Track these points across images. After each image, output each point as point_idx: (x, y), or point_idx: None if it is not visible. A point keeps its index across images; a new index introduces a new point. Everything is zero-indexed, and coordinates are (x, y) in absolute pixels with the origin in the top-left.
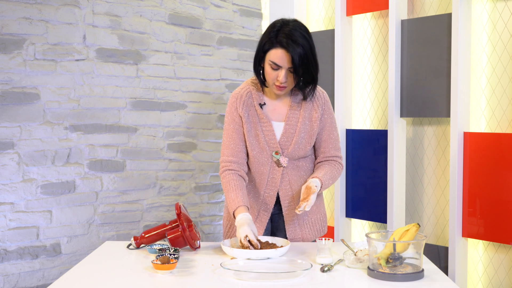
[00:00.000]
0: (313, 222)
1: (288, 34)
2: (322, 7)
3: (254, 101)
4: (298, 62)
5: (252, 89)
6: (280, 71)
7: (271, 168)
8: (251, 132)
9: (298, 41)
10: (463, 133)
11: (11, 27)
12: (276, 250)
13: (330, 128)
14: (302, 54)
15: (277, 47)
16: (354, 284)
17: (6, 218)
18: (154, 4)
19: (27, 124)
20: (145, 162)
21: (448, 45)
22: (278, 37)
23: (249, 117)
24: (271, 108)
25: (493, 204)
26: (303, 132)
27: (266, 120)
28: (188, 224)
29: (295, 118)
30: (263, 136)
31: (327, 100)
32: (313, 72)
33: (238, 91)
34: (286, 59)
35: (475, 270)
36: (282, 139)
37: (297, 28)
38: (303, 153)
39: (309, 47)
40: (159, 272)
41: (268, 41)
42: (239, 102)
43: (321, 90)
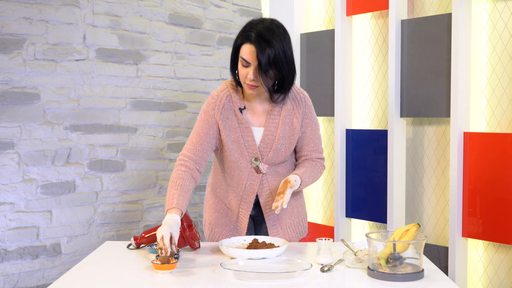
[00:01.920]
0: (295, 225)
1: (259, 31)
2: (322, 7)
3: (233, 105)
4: (265, 60)
5: (232, 92)
6: (250, 68)
7: (249, 174)
8: (230, 137)
9: (268, 39)
10: (463, 133)
11: (11, 27)
12: (272, 250)
13: (311, 132)
14: (271, 53)
15: (246, 42)
16: (354, 284)
17: (6, 218)
18: (154, 4)
19: (27, 124)
20: (145, 162)
21: (448, 45)
22: (250, 32)
23: (228, 121)
24: (250, 112)
25: (493, 204)
26: (282, 138)
27: (246, 126)
28: (188, 224)
29: (274, 123)
30: (242, 142)
31: (308, 104)
32: (285, 76)
33: (217, 94)
34: (254, 54)
35: (475, 270)
36: (262, 145)
37: (272, 27)
38: (282, 158)
39: (282, 48)
40: (159, 272)
41: (240, 36)
42: (218, 106)
43: (303, 93)
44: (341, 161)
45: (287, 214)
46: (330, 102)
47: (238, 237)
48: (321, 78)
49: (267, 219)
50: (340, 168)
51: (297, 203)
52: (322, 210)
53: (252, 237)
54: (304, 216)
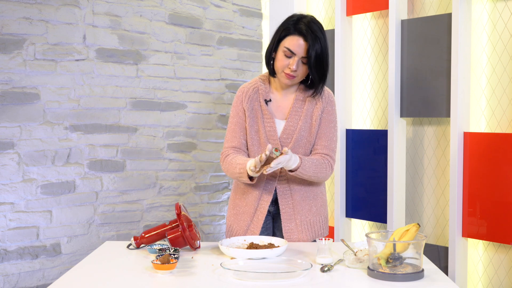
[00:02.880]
0: (311, 224)
1: (307, 24)
2: (322, 7)
3: (260, 97)
4: (313, 53)
5: (260, 85)
6: (293, 59)
7: None
8: (253, 127)
9: (317, 33)
10: (463, 133)
11: (11, 27)
12: (272, 250)
13: (327, 128)
14: (318, 48)
15: (295, 34)
16: (354, 284)
17: (6, 218)
18: (154, 4)
19: (27, 124)
20: (145, 162)
21: (448, 45)
22: (297, 25)
23: (253, 111)
24: (275, 105)
25: (493, 204)
26: (303, 130)
27: (269, 117)
28: (188, 224)
29: (297, 116)
30: (264, 132)
31: (331, 101)
32: (325, 69)
33: (245, 85)
34: (302, 47)
35: (475, 270)
36: (283, 136)
37: (316, 22)
38: (302, 151)
39: (325, 44)
40: (159, 272)
41: (285, 29)
42: (245, 96)
43: (328, 91)
44: (341, 161)
45: (304, 212)
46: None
47: (238, 237)
48: None
49: (283, 213)
50: (340, 168)
51: (316, 202)
52: None
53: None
54: (323, 216)
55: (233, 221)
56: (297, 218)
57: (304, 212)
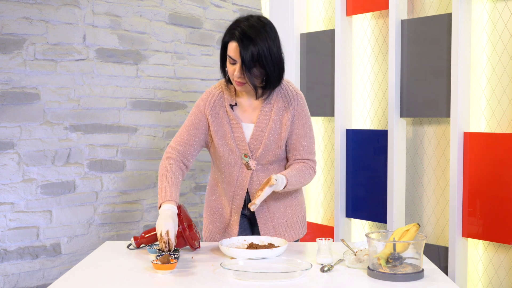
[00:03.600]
0: (288, 225)
1: (243, 29)
2: (322, 7)
3: (225, 102)
4: (248, 58)
5: (225, 89)
6: (236, 65)
7: (240, 170)
8: (218, 133)
9: (252, 37)
10: (463, 133)
11: (11, 27)
12: (272, 250)
13: (302, 131)
14: (254, 51)
15: (232, 40)
16: (354, 284)
17: (6, 218)
18: (154, 4)
19: (27, 124)
20: (145, 162)
21: (448, 45)
22: (233, 30)
23: (218, 117)
24: (242, 109)
25: (493, 204)
26: (272, 135)
27: (236, 122)
28: (188, 224)
29: (265, 120)
30: (232, 137)
31: (301, 102)
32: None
33: (211, 90)
34: (238, 52)
35: (475, 270)
36: (251, 141)
37: (257, 24)
38: (273, 156)
39: (266, 45)
40: (159, 272)
41: (227, 34)
42: (209, 102)
43: (296, 92)
44: (341, 161)
45: (279, 213)
46: (330, 102)
47: (238, 237)
48: (321, 78)
49: (258, 217)
50: (340, 168)
51: (292, 202)
52: (322, 210)
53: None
54: (300, 216)
55: (209, 223)
56: (274, 220)
57: (279, 214)
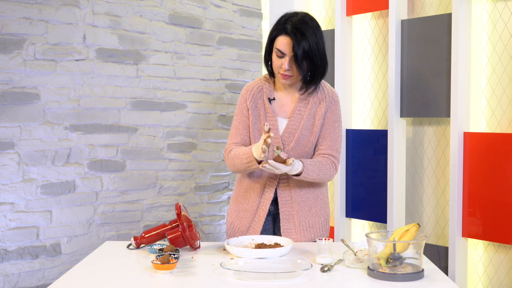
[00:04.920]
0: (310, 225)
1: (294, 23)
2: (322, 7)
3: (264, 95)
4: (300, 51)
5: (264, 84)
6: (284, 59)
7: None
8: (256, 125)
9: (304, 32)
10: (463, 133)
11: (11, 27)
12: (275, 250)
13: (331, 128)
14: (305, 46)
15: (282, 34)
16: (354, 284)
17: (6, 218)
18: (154, 4)
19: (27, 124)
20: (145, 162)
21: (448, 45)
22: (285, 24)
23: (256, 109)
24: (279, 104)
25: (493, 204)
26: (305, 130)
27: (272, 115)
28: (188, 224)
29: (299, 115)
30: None
31: (336, 100)
32: (318, 67)
33: (250, 84)
34: (289, 46)
35: (475, 270)
36: (285, 135)
37: (306, 19)
38: (305, 151)
39: (315, 40)
40: (159, 272)
41: (276, 29)
42: (249, 94)
43: (332, 90)
44: (341, 161)
45: (303, 212)
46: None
47: (247, 236)
48: None
49: (281, 212)
50: (340, 168)
51: (316, 202)
52: None
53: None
54: (323, 218)
55: (235, 218)
56: (296, 218)
57: (303, 212)
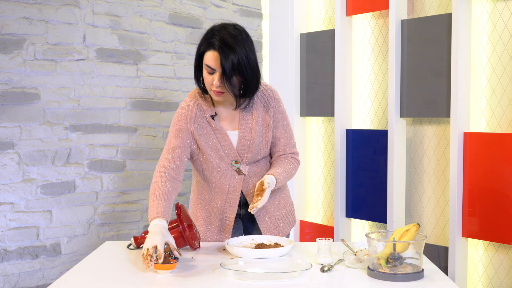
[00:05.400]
0: (284, 216)
1: (222, 37)
2: (322, 7)
3: (205, 113)
4: (229, 66)
5: (201, 101)
6: (215, 75)
7: (231, 177)
8: (207, 144)
9: (232, 45)
10: (463, 133)
11: (11, 27)
12: (275, 250)
13: (282, 127)
14: (234, 59)
15: (210, 49)
16: (354, 284)
17: (6, 218)
18: (154, 4)
19: (27, 124)
20: (145, 162)
21: (448, 45)
22: (212, 39)
23: (202, 129)
24: (222, 117)
25: (493, 204)
26: (258, 138)
27: (221, 131)
28: (188, 224)
29: (248, 125)
30: (220, 147)
31: (277, 98)
32: (249, 81)
33: (187, 104)
34: (218, 61)
35: (475, 270)
36: (239, 147)
37: (234, 32)
38: (261, 156)
39: (245, 53)
40: (159, 272)
41: (203, 43)
42: (190, 116)
43: (270, 89)
44: (341, 161)
45: (273, 207)
46: (330, 102)
47: (246, 237)
48: (321, 78)
49: (256, 215)
50: (340, 168)
51: (282, 194)
52: (322, 210)
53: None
54: (290, 206)
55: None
56: (270, 214)
57: (274, 207)
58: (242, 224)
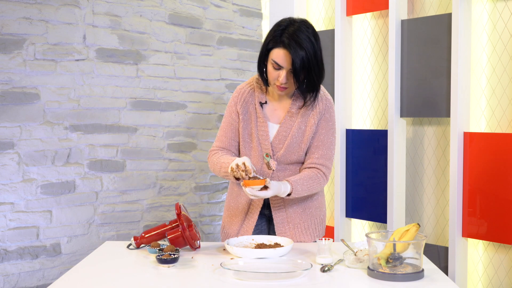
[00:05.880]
0: (305, 227)
1: (292, 35)
2: (322, 7)
3: (255, 99)
4: (299, 65)
5: (256, 86)
6: (282, 71)
7: (261, 170)
8: (246, 130)
9: (302, 43)
10: (463, 133)
11: (11, 27)
12: (275, 250)
13: (324, 136)
14: (304, 58)
15: (279, 47)
16: (354, 284)
17: (6, 218)
18: (154, 4)
19: (27, 124)
20: (145, 162)
21: (448, 45)
22: (282, 36)
23: (247, 114)
24: (271, 108)
25: (493, 204)
26: (296, 137)
27: (263, 120)
28: (188, 224)
29: (290, 121)
30: (256, 136)
31: (330, 107)
32: (315, 78)
33: (242, 86)
34: (287, 60)
35: (475, 270)
36: (275, 141)
37: (303, 29)
38: (295, 158)
39: (313, 51)
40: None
41: (272, 40)
42: (240, 98)
43: (326, 96)
44: (341, 161)
45: (297, 215)
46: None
47: (247, 236)
48: None
49: (275, 217)
50: (340, 168)
51: (312, 204)
52: None
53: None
54: (319, 219)
55: (226, 223)
56: (290, 221)
57: (297, 215)
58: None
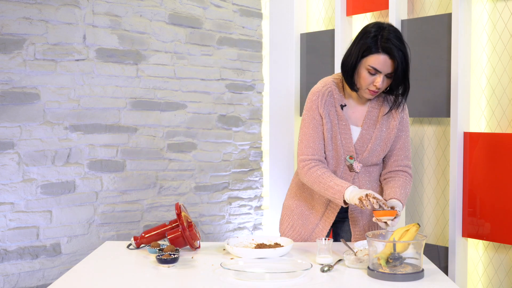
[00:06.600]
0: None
1: (388, 39)
2: (322, 7)
3: (335, 101)
4: (400, 67)
5: (334, 89)
6: (378, 76)
7: (342, 172)
8: (329, 132)
9: (400, 47)
10: (463, 133)
11: (11, 27)
12: (275, 250)
13: (405, 139)
14: (403, 61)
15: (379, 53)
16: (354, 284)
17: (6, 218)
18: (154, 4)
19: (27, 124)
20: (145, 162)
21: (448, 45)
22: (380, 42)
23: (329, 117)
24: (350, 110)
25: (493, 204)
26: (379, 139)
27: (345, 123)
28: (188, 224)
29: (372, 123)
30: (339, 139)
31: (406, 109)
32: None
33: (319, 89)
34: (388, 64)
35: (475, 270)
36: (358, 143)
37: (397, 33)
38: (376, 160)
39: (407, 52)
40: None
41: (367, 47)
42: (321, 100)
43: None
44: None
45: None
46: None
47: (247, 236)
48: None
49: (351, 217)
50: None
51: None
52: None
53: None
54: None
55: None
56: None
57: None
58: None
